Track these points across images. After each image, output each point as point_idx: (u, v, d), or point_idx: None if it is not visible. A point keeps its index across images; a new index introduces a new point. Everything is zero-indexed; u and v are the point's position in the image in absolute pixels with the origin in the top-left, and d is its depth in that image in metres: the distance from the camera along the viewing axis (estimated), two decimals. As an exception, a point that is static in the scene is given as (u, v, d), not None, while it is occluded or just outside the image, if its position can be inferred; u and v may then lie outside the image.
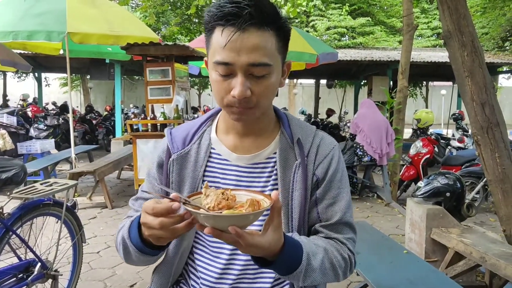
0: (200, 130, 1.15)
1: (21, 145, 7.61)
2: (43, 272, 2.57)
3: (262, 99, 0.99)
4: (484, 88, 3.07)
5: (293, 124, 1.14)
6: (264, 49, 0.94)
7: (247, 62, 0.93)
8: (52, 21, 5.26)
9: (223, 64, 0.94)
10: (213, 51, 0.96)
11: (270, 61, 0.95)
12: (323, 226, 1.08)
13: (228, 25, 0.92)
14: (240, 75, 0.94)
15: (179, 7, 15.06)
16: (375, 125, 6.28)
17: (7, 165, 2.35)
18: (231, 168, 1.10)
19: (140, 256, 1.00)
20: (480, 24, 14.16)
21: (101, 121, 12.94)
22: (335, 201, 1.09)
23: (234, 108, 0.98)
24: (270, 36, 0.95)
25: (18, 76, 19.65)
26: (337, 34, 15.72)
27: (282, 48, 1.01)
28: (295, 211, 1.06)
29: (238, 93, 0.94)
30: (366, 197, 6.83)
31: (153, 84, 6.08)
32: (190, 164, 1.11)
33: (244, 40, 0.92)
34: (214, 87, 1.00)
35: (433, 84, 22.71)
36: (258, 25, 0.93)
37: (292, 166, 1.08)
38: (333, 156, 1.11)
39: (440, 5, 3.17)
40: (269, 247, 0.85)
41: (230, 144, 1.11)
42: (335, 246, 1.06)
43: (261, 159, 1.10)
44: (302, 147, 1.10)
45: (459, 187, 3.72)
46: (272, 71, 0.97)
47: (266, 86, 0.97)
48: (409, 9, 6.53)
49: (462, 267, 3.14)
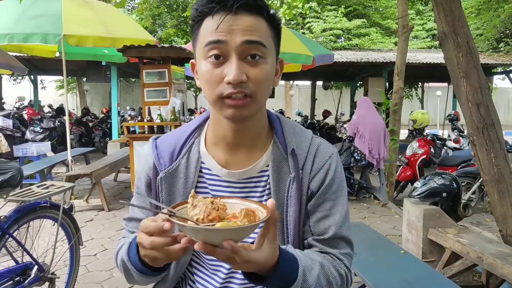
0: (188, 143, 1.05)
1: (17, 148, 7.58)
2: (40, 275, 2.56)
3: (259, 87, 0.90)
4: (479, 88, 3.09)
5: (287, 131, 1.04)
6: (259, 30, 0.89)
7: (242, 39, 0.86)
8: (48, 23, 5.26)
9: (215, 43, 0.87)
10: (203, 39, 0.89)
11: (265, 42, 0.89)
12: (317, 240, 1.00)
13: (218, 9, 0.87)
14: (234, 58, 0.87)
15: (175, 9, 15.09)
16: (375, 129, 6.24)
17: (4, 167, 2.34)
18: (223, 184, 1.02)
19: (142, 277, 0.94)
20: (475, 26, 14.24)
21: (98, 123, 12.92)
22: (329, 214, 1.00)
23: (229, 100, 0.88)
24: (263, 22, 0.90)
25: (14, 78, 19.59)
26: (333, 36, 15.76)
27: (275, 39, 0.94)
28: (290, 227, 0.99)
29: (233, 76, 0.85)
30: (363, 198, 6.84)
31: (149, 86, 6.09)
32: (180, 180, 1.02)
33: (237, 21, 0.87)
34: (205, 79, 0.90)
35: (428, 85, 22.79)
36: (251, 9, 0.88)
37: (286, 180, 1.00)
38: (330, 166, 1.02)
39: (435, 6, 3.19)
40: (265, 262, 0.78)
41: (220, 158, 1.02)
42: (331, 261, 0.98)
43: (254, 173, 1.01)
44: (296, 159, 1.01)
45: (455, 187, 3.74)
46: (267, 55, 0.90)
47: (262, 72, 0.89)
48: (405, 11, 6.57)
49: (459, 267, 3.16)
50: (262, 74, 0.89)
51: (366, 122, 6.33)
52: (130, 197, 6.43)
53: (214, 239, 0.70)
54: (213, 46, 0.87)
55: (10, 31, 5.17)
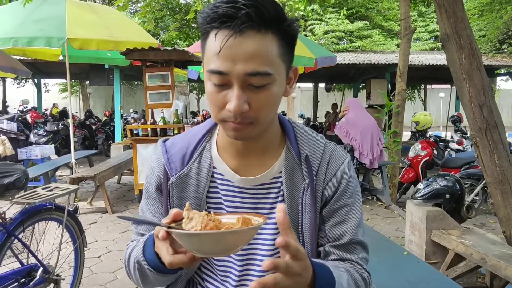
0: (199, 147, 1.03)
1: (21, 150, 7.62)
2: (45, 276, 2.57)
3: (261, 114, 0.87)
4: (482, 90, 3.09)
5: (300, 137, 1.02)
6: (264, 56, 0.82)
7: (244, 71, 0.81)
8: (52, 27, 5.30)
9: (217, 74, 0.83)
10: (207, 58, 0.86)
11: (270, 69, 0.84)
12: (333, 247, 0.99)
13: (223, 27, 0.81)
14: (236, 87, 0.83)
15: (178, 12, 15.14)
16: (366, 131, 6.26)
17: (9, 170, 2.36)
18: (235, 190, 1.00)
19: (158, 276, 0.92)
20: (478, 27, 14.23)
21: (101, 126, 12.97)
22: (345, 220, 0.99)
23: (230, 123, 0.86)
24: (271, 40, 0.83)
25: (18, 82, 19.69)
26: (335, 38, 15.78)
27: (286, 55, 0.88)
28: (306, 234, 0.98)
29: (233, 107, 0.82)
30: (366, 199, 6.84)
31: (152, 89, 6.11)
32: (192, 186, 1.01)
33: (240, 46, 0.81)
34: (209, 99, 0.89)
35: (431, 87, 22.79)
36: (257, 28, 0.81)
37: (300, 187, 0.98)
38: (344, 172, 1.01)
39: (438, 8, 3.20)
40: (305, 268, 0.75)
41: (232, 163, 1.01)
42: (353, 267, 0.97)
43: (266, 180, 1.00)
44: (310, 166, 0.99)
45: (458, 188, 3.74)
46: (273, 81, 0.85)
47: (266, 98, 0.85)
48: (407, 13, 6.58)
49: (463, 268, 3.15)
50: (265, 100, 0.86)
51: (357, 125, 6.34)
52: (133, 200, 6.46)
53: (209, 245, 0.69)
54: (215, 76, 0.84)
55: (15, 35, 5.21)
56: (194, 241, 0.69)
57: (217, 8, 0.81)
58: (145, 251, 0.92)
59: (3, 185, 2.30)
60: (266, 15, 0.81)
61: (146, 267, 0.91)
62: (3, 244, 2.31)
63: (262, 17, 0.81)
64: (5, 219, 2.34)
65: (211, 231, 0.69)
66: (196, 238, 0.69)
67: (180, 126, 5.72)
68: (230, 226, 0.73)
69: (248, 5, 0.80)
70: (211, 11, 0.82)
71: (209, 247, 0.70)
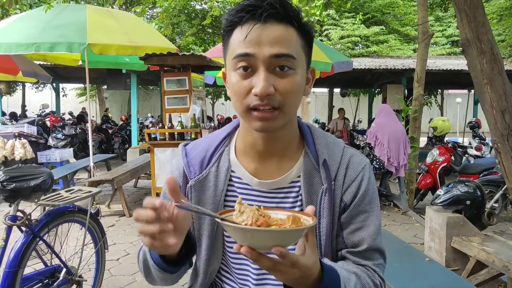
0: (218, 151, 1.05)
1: (41, 154, 7.76)
2: (68, 277, 2.62)
3: (287, 99, 0.88)
4: (504, 95, 3.05)
5: (319, 141, 1.03)
6: (289, 41, 0.87)
7: (270, 53, 0.85)
8: (73, 32, 5.38)
9: (243, 56, 0.86)
10: (232, 50, 0.89)
11: (295, 54, 0.87)
12: (350, 253, 1.00)
13: (248, 18, 0.86)
14: (262, 70, 0.86)
15: (194, 18, 15.27)
16: (394, 137, 6.15)
17: (36, 172, 2.41)
18: (254, 194, 1.01)
19: (159, 273, 0.94)
20: (497, 32, 14.04)
21: (117, 130, 13.13)
22: (363, 226, 1.00)
23: (257, 112, 0.88)
24: (293, 31, 0.88)
25: (36, 86, 20.06)
26: (351, 43, 15.72)
27: (306, 48, 0.92)
28: (323, 238, 0.98)
29: (260, 89, 0.84)
30: (383, 205, 6.78)
31: (170, 93, 6.17)
32: (210, 189, 1.02)
33: (265, 31, 0.85)
34: (234, 90, 0.90)
35: (448, 92, 22.54)
36: (280, 18, 0.86)
37: (318, 192, 0.99)
38: (363, 178, 1.01)
39: (458, 13, 3.17)
40: (311, 268, 0.77)
41: (251, 167, 1.02)
42: (365, 271, 0.98)
43: (284, 184, 1.00)
44: (328, 170, 1.00)
45: (479, 195, 3.70)
46: (297, 66, 0.89)
47: (291, 84, 0.88)
48: (425, 17, 6.53)
49: (484, 276, 3.11)
50: (290, 85, 0.88)
51: (386, 130, 6.27)
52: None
53: (262, 242, 0.71)
54: (241, 58, 0.87)
55: (37, 41, 5.30)
56: (247, 236, 0.71)
57: (240, 5, 0.88)
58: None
59: (30, 187, 2.35)
60: (288, 8, 0.88)
61: (149, 260, 0.94)
62: (29, 245, 2.36)
63: (285, 9, 0.87)
64: (31, 221, 2.39)
65: (268, 229, 0.70)
66: (249, 234, 0.71)
67: (197, 130, 5.76)
68: (280, 223, 0.74)
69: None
70: (237, 6, 0.88)
71: (260, 243, 0.71)
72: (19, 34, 5.36)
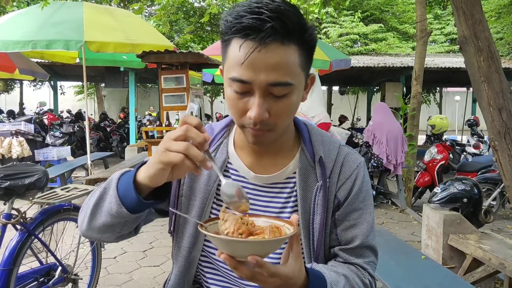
0: (216, 141, 1.06)
1: (38, 152, 7.74)
2: (63, 276, 2.61)
3: (281, 121, 0.90)
4: (501, 93, 3.05)
5: (315, 139, 1.04)
6: (286, 67, 0.84)
7: (266, 81, 0.83)
8: (70, 30, 5.36)
9: (239, 82, 0.85)
10: (229, 65, 0.87)
11: (292, 79, 0.86)
12: (342, 250, 1.01)
13: (248, 39, 0.82)
14: (257, 95, 0.85)
15: (192, 15, 15.24)
16: (392, 135, 6.16)
17: (30, 170, 2.40)
18: (249, 187, 1.03)
19: (114, 214, 0.88)
20: (495, 30, 14.03)
21: (115, 128, 13.10)
22: (356, 224, 1.01)
23: (250, 129, 0.89)
24: (293, 51, 0.85)
25: (34, 84, 20.02)
26: (349, 41, 15.71)
27: (306, 64, 0.90)
28: (315, 234, 0.99)
29: (254, 115, 0.85)
30: (381, 203, 6.79)
31: (167, 91, 6.14)
32: (203, 178, 1.03)
33: (264, 58, 0.82)
34: (229, 104, 0.91)
35: (446, 90, 22.54)
36: (281, 40, 0.82)
37: (313, 188, 1.00)
38: (357, 176, 1.02)
39: (456, 10, 3.16)
40: (292, 277, 0.79)
41: (247, 161, 1.03)
42: (355, 272, 0.99)
43: (280, 179, 1.02)
44: (324, 168, 1.01)
45: (476, 193, 3.69)
46: (293, 90, 0.87)
47: (286, 106, 0.88)
48: (423, 15, 6.52)
49: (481, 273, 3.11)
50: (285, 108, 0.88)
51: (383, 128, 6.26)
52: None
53: (240, 252, 0.72)
54: (237, 84, 0.85)
55: (34, 38, 5.28)
56: (225, 245, 0.73)
57: (241, 17, 0.82)
58: (123, 175, 0.91)
59: (24, 185, 2.34)
60: (290, 26, 0.82)
61: (112, 188, 0.89)
62: (24, 243, 2.35)
63: (286, 29, 0.82)
64: (26, 219, 2.39)
65: (245, 240, 0.73)
66: (227, 243, 0.73)
67: (195, 128, 5.74)
68: (262, 230, 0.76)
69: (273, 17, 0.80)
70: (235, 21, 0.83)
71: (240, 252, 0.73)
72: (16, 32, 5.34)
